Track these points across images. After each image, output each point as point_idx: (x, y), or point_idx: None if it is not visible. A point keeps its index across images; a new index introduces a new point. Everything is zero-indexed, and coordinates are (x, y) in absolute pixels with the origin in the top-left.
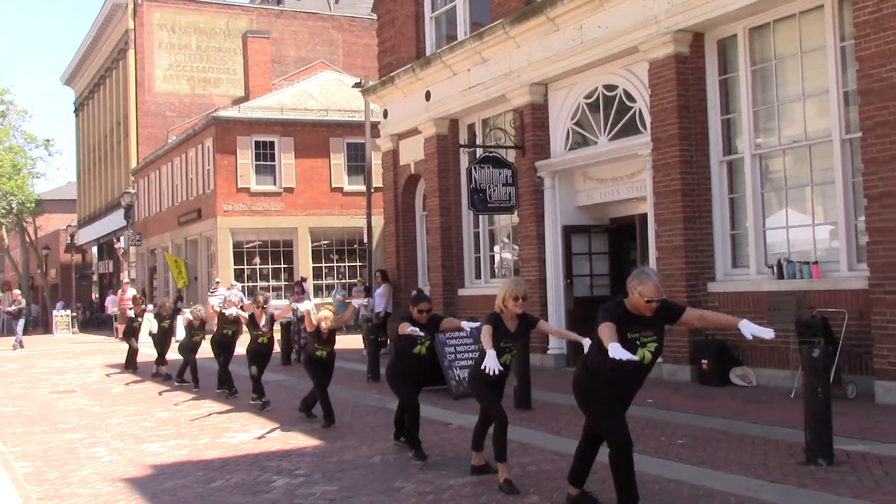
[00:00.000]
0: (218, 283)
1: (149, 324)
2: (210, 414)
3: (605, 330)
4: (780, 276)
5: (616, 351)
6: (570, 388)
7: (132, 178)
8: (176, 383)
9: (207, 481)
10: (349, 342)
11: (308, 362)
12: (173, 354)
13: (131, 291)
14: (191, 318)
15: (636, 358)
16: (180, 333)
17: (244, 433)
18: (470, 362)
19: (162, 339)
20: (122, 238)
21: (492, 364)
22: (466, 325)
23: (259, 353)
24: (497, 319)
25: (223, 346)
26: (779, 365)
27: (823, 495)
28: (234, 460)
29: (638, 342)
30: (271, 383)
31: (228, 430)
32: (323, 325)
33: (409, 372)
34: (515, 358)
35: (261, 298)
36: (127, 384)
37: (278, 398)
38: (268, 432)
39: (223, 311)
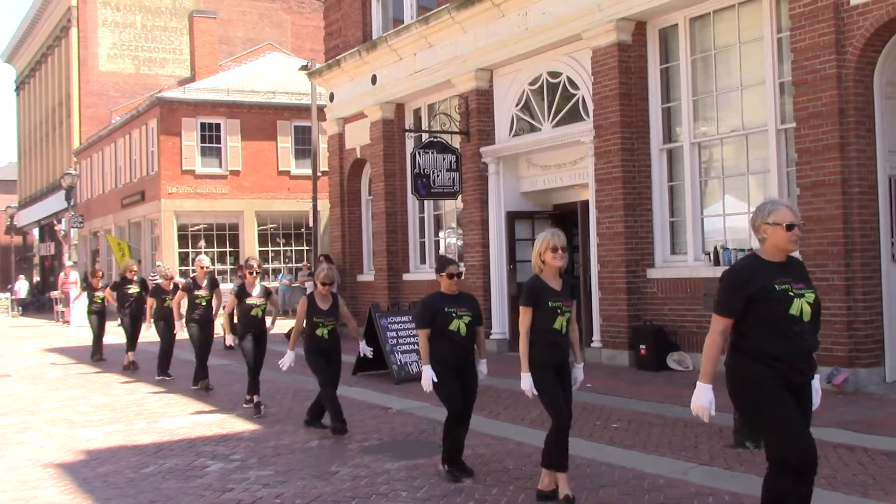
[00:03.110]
0: (160, 266)
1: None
2: (148, 399)
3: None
4: (717, 262)
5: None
6: (510, 371)
7: (74, 158)
8: (157, 378)
9: (140, 466)
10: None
11: (309, 351)
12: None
13: (74, 275)
14: (159, 281)
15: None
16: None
17: (181, 418)
18: (413, 347)
19: (134, 315)
20: (63, 220)
21: (527, 387)
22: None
23: (253, 327)
24: (537, 283)
25: (197, 320)
26: None
27: (749, 477)
28: (168, 445)
29: (791, 292)
30: (213, 367)
31: (166, 415)
32: (322, 273)
33: (451, 362)
34: (567, 324)
35: (254, 263)
36: (65, 368)
37: (220, 383)
38: (205, 417)
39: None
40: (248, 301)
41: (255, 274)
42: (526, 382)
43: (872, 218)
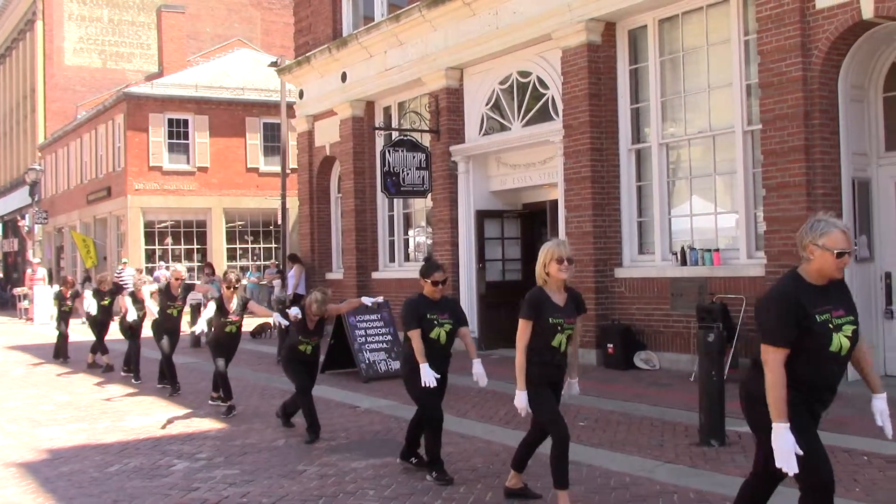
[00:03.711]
0: (125, 263)
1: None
2: (113, 398)
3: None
4: (684, 262)
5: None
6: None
7: (39, 153)
8: (122, 373)
9: (105, 465)
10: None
11: (288, 360)
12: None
13: (42, 272)
14: (132, 289)
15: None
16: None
17: (146, 417)
18: (381, 346)
19: (101, 322)
20: (26, 216)
21: (521, 406)
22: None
23: (226, 345)
24: (539, 295)
25: (169, 331)
26: (681, 349)
27: (713, 475)
28: (134, 444)
29: (831, 325)
30: (179, 366)
31: (130, 414)
32: (314, 306)
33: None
34: (567, 340)
35: (232, 277)
36: (28, 367)
37: (186, 381)
38: (171, 416)
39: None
40: (224, 319)
41: (232, 289)
42: (521, 401)
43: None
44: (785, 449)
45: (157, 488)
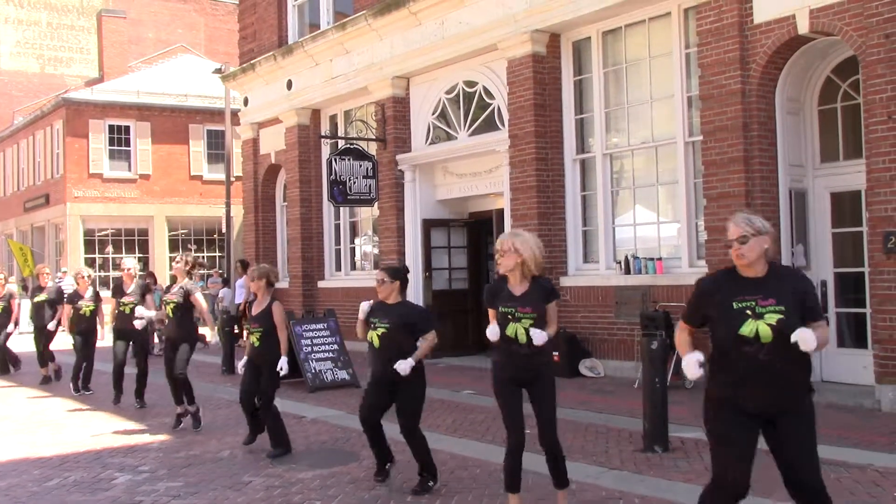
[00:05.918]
0: (65, 272)
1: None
2: (52, 410)
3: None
4: (628, 271)
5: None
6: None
7: None
8: (85, 392)
9: (44, 479)
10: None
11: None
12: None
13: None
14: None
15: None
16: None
17: (87, 429)
18: (328, 355)
19: (42, 328)
20: None
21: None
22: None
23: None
24: (494, 286)
25: (121, 332)
26: (625, 356)
27: (657, 480)
28: (74, 457)
29: (750, 311)
30: (126, 375)
31: (70, 427)
32: None
33: (376, 375)
34: (526, 332)
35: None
36: None
37: (129, 391)
38: (113, 427)
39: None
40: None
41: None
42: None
43: (773, 228)
44: (687, 363)
45: (99, 502)
